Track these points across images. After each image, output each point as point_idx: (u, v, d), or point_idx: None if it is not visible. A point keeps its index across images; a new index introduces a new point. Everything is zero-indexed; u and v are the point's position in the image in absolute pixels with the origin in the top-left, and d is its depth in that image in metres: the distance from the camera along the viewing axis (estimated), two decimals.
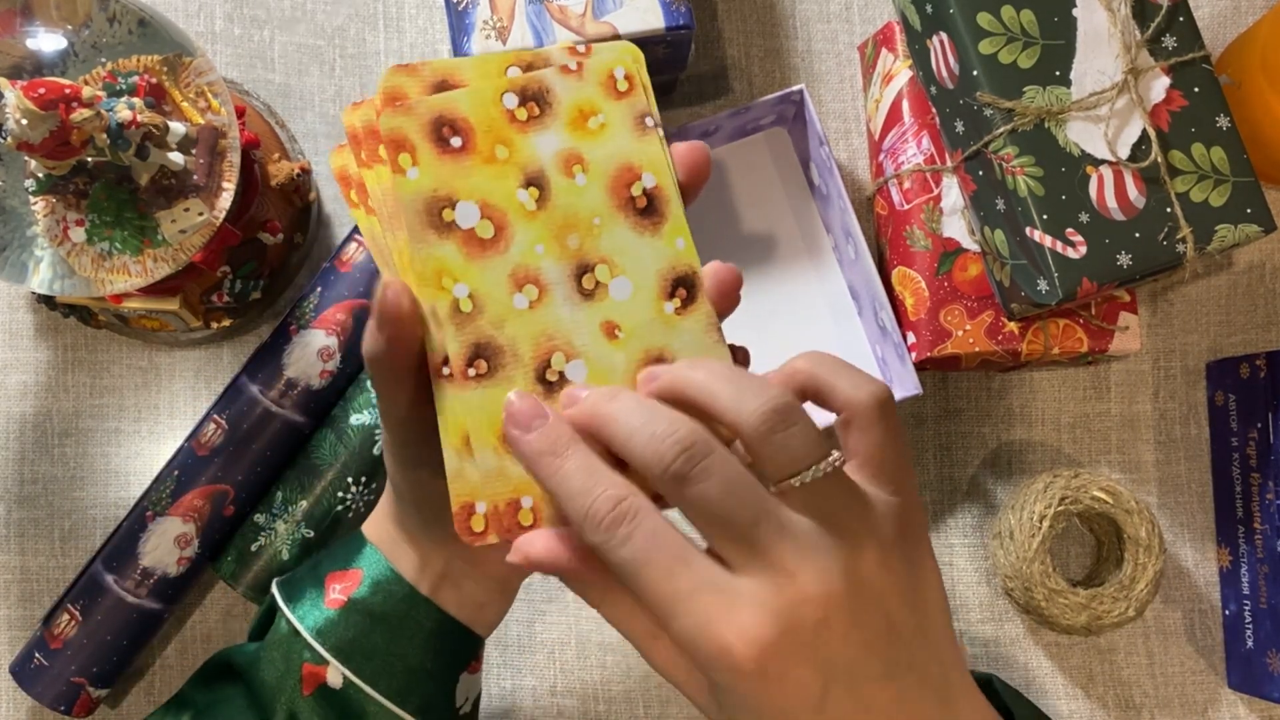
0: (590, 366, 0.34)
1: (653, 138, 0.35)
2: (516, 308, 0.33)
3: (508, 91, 0.34)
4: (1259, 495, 0.59)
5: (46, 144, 0.46)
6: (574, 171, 0.34)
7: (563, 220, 0.34)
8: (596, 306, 0.34)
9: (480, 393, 0.33)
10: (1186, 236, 0.51)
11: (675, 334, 0.34)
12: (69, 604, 0.56)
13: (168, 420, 0.61)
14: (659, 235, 0.34)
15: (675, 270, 0.34)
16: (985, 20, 0.52)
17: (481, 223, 0.33)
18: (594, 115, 0.34)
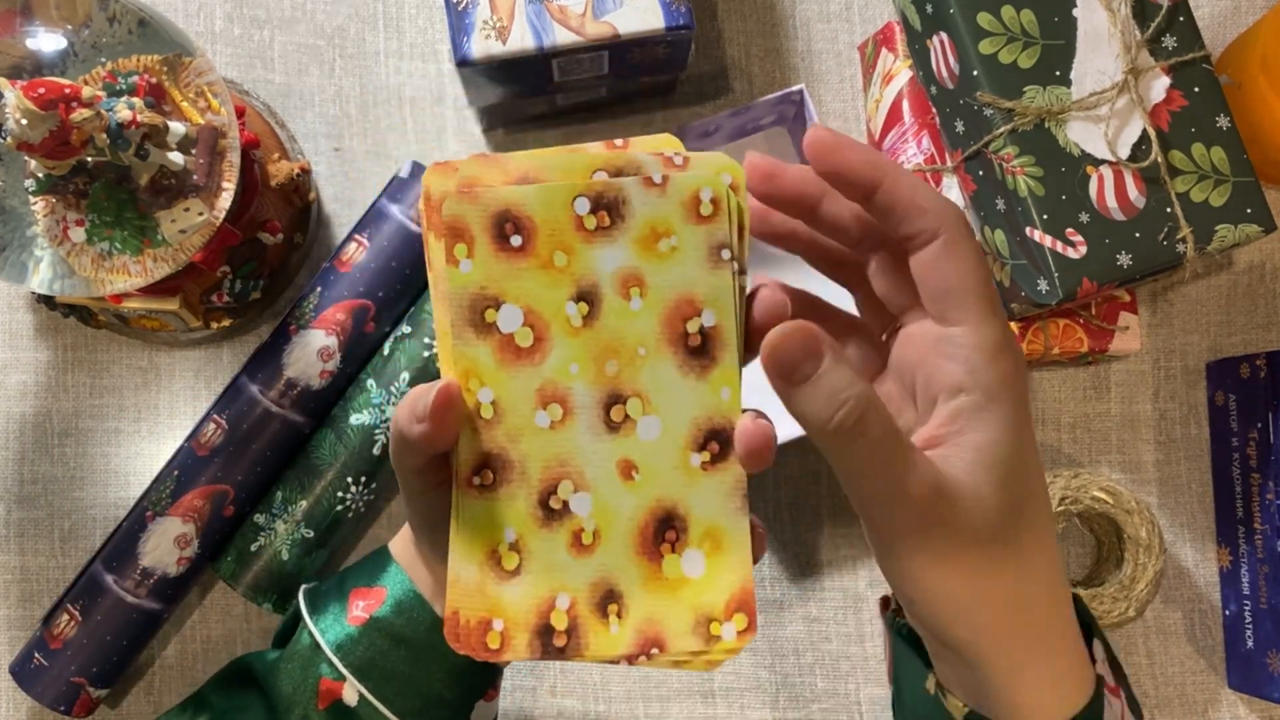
0: (597, 502, 0.32)
1: (725, 272, 0.32)
2: (537, 425, 0.32)
3: (581, 195, 0.32)
4: (1259, 495, 0.59)
5: (46, 144, 0.46)
6: (631, 293, 0.32)
7: (607, 343, 0.32)
8: (619, 442, 0.32)
9: (480, 504, 0.32)
10: (1186, 236, 0.51)
11: (695, 490, 0.32)
12: (69, 604, 0.56)
13: (168, 420, 0.61)
14: (705, 380, 0.32)
15: (713, 421, 0.32)
16: (985, 20, 0.52)
17: (522, 329, 0.32)
18: (667, 237, 0.32)
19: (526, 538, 0.32)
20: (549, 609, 0.32)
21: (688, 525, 0.32)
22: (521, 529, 0.32)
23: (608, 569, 0.32)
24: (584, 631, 0.32)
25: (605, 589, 0.32)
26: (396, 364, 0.57)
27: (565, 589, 0.32)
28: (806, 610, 0.61)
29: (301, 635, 0.43)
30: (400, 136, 0.63)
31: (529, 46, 0.53)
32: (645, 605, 0.32)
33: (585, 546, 0.32)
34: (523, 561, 0.32)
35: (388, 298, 0.57)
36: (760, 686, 0.61)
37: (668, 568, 0.32)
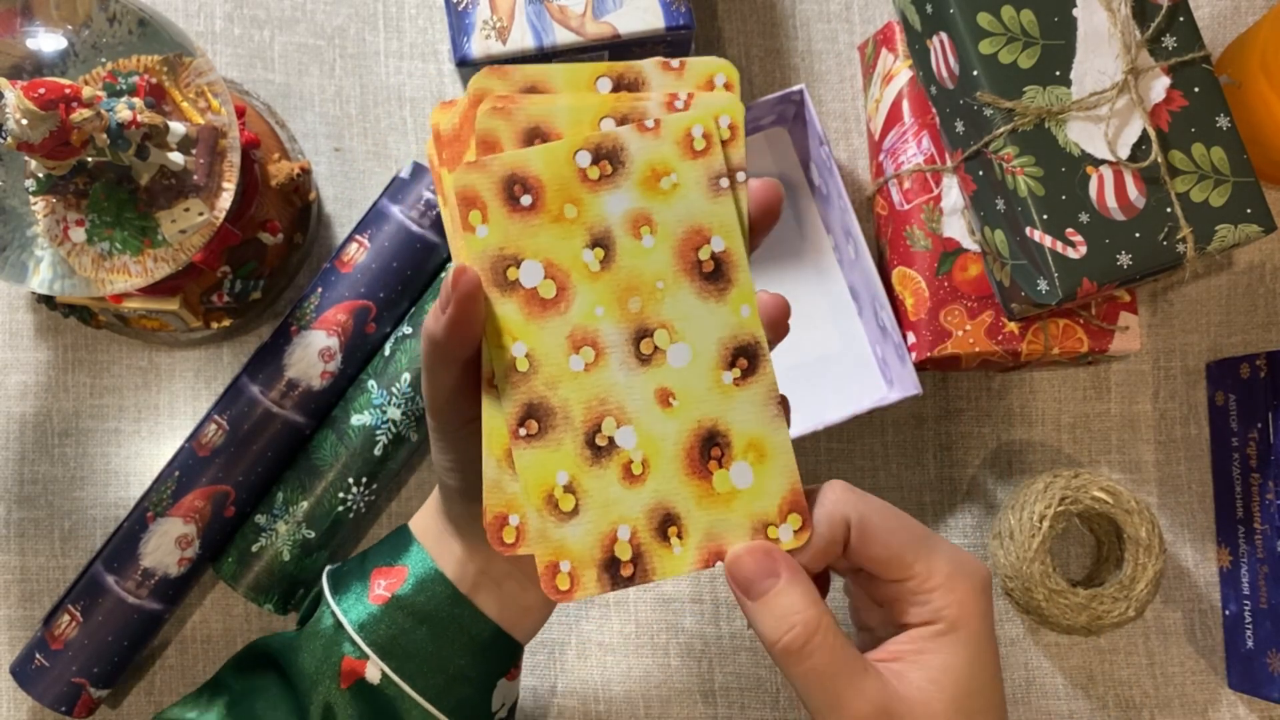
0: (640, 434, 0.33)
1: (727, 199, 0.34)
2: (572, 369, 0.33)
3: (581, 149, 0.33)
4: (1259, 495, 0.59)
5: (46, 144, 0.46)
6: (641, 232, 0.34)
7: (626, 282, 0.34)
8: (653, 372, 0.33)
9: (529, 453, 0.33)
10: (1186, 236, 0.51)
11: (732, 405, 0.34)
12: (69, 604, 0.56)
13: (168, 420, 0.61)
14: (723, 301, 0.34)
15: (737, 339, 0.34)
16: (985, 20, 0.52)
17: (544, 282, 0.33)
18: (666, 175, 0.34)
19: (579, 478, 0.33)
20: (612, 542, 0.33)
21: (730, 440, 0.34)
22: (573, 470, 0.33)
23: (661, 494, 0.34)
24: (649, 557, 0.33)
25: (662, 513, 0.34)
26: (397, 364, 0.57)
27: (624, 520, 0.33)
28: None
29: (324, 615, 0.43)
30: (400, 136, 0.63)
31: (529, 46, 0.53)
32: (703, 521, 0.34)
33: (636, 477, 0.34)
34: (579, 501, 0.33)
35: (389, 298, 0.58)
36: (760, 686, 0.61)
37: (718, 483, 0.34)
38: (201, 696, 0.48)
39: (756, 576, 0.33)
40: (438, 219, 0.58)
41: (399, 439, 0.57)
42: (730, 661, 0.61)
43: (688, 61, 0.34)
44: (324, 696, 0.42)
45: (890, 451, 0.63)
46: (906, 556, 0.34)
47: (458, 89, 0.63)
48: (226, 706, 0.46)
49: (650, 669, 0.61)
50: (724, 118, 0.34)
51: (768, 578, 0.33)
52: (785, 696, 0.61)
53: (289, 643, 0.44)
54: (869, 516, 0.34)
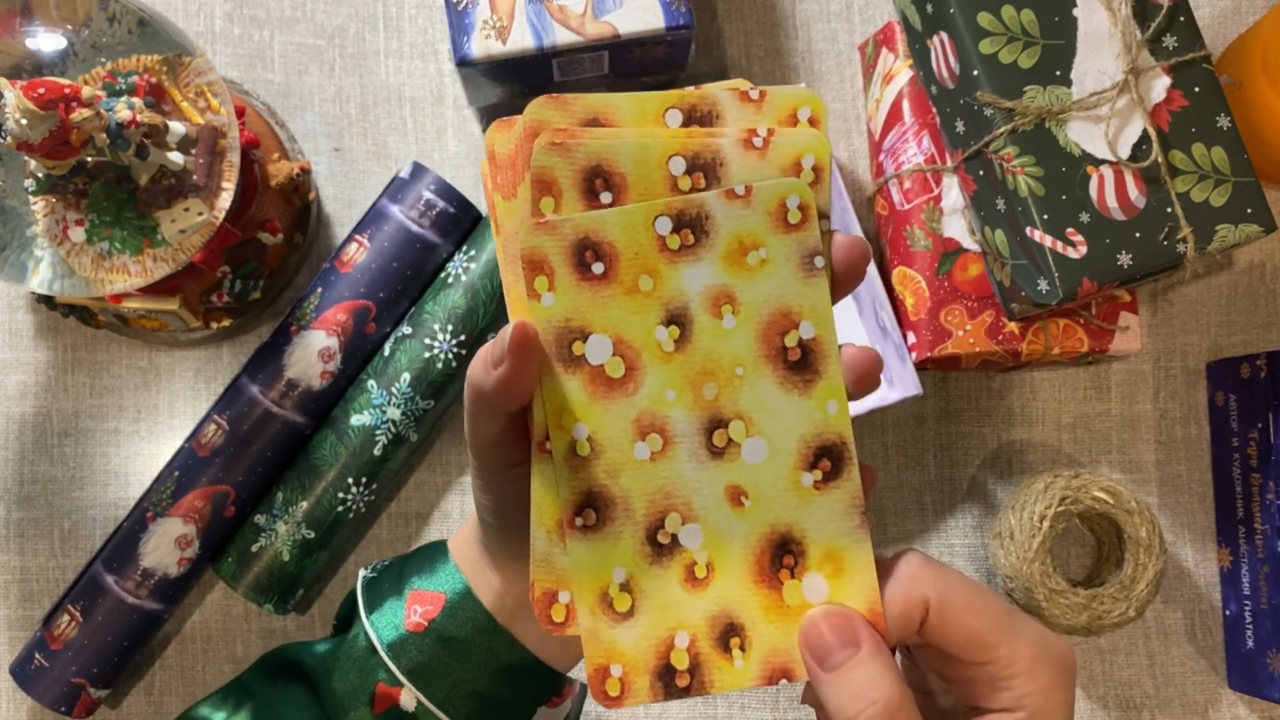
0: (707, 533, 0.31)
1: (820, 281, 0.30)
2: (636, 458, 0.31)
3: (662, 215, 0.30)
4: (1259, 495, 0.59)
5: (46, 144, 0.46)
6: (723, 312, 0.31)
7: (702, 366, 0.31)
8: (725, 468, 0.31)
9: (585, 545, 0.31)
10: (1187, 236, 0.51)
11: (810, 511, 0.31)
12: (69, 604, 0.56)
13: (167, 420, 0.61)
14: (809, 395, 0.31)
15: (822, 438, 0.31)
16: (985, 20, 0.52)
17: (612, 360, 0.31)
18: (755, 250, 0.31)
19: (637, 576, 0.31)
20: (668, 649, 0.31)
21: (805, 549, 0.31)
22: (631, 568, 0.31)
23: (726, 601, 0.31)
24: (707, 668, 0.31)
25: (725, 622, 0.31)
26: (397, 364, 0.57)
27: (683, 626, 0.31)
28: None
29: (358, 635, 0.43)
30: (400, 136, 0.63)
31: (529, 46, 0.53)
32: (769, 635, 0.31)
33: (700, 580, 0.31)
34: (635, 602, 0.31)
35: (388, 298, 0.57)
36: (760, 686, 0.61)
37: (789, 594, 0.31)
38: (228, 699, 0.47)
39: (835, 646, 0.30)
40: (438, 219, 0.58)
41: (398, 439, 0.57)
42: None
43: (768, 91, 0.31)
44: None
45: (890, 451, 0.63)
46: (989, 639, 0.31)
47: (458, 89, 0.63)
48: (254, 713, 0.46)
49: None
50: (808, 158, 0.31)
51: (846, 647, 0.30)
52: (785, 697, 0.61)
53: (321, 660, 0.43)
54: (949, 595, 0.31)
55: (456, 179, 0.62)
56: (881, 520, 0.62)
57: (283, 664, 0.46)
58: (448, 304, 0.57)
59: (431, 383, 0.57)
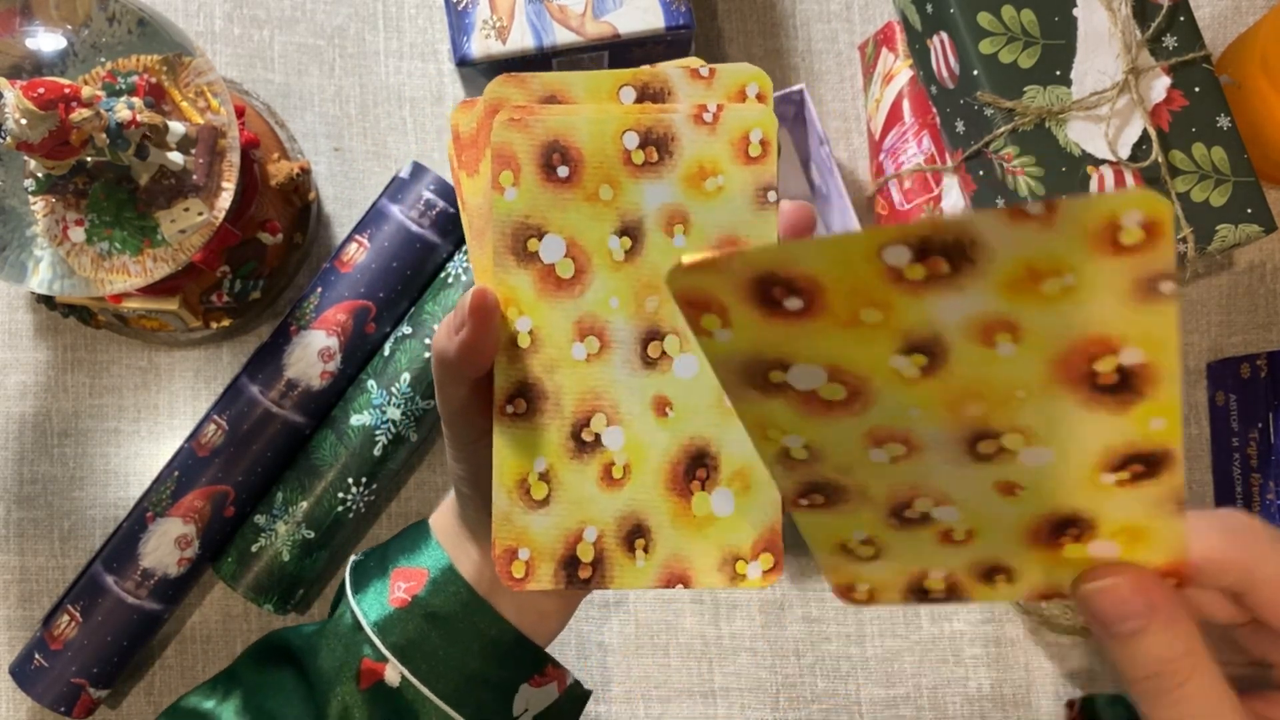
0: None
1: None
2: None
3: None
4: (1259, 495, 0.58)
5: (46, 144, 0.46)
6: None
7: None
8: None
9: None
10: (1187, 236, 0.51)
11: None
12: (69, 605, 0.56)
13: (167, 420, 0.61)
14: None
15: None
16: (986, 20, 0.52)
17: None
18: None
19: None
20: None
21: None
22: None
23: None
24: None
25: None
26: (397, 364, 0.57)
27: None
28: (806, 610, 0.61)
29: (344, 613, 0.43)
30: (400, 136, 0.63)
31: (529, 46, 0.53)
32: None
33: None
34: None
35: (388, 298, 0.57)
36: (760, 686, 0.61)
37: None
38: (217, 687, 0.47)
39: (1124, 616, 0.27)
40: (437, 218, 0.58)
41: (398, 439, 0.57)
42: (730, 661, 0.61)
43: (717, 69, 0.33)
44: (342, 697, 0.42)
45: None
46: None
47: (458, 89, 0.63)
48: (242, 699, 0.46)
49: (650, 669, 0.61)
50: (756, 131, 0.32)
51: (1136, 618, 0.27)
52: (785, 697, 0.61)
53: (308, 639, 0.44)
54: (1271, 576, 0.28)
55: None
56: None
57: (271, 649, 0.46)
58: (448, 304, 0.57)
59: (431, 383, 0.57)
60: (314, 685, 0.43)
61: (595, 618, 0.61)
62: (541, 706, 0.45)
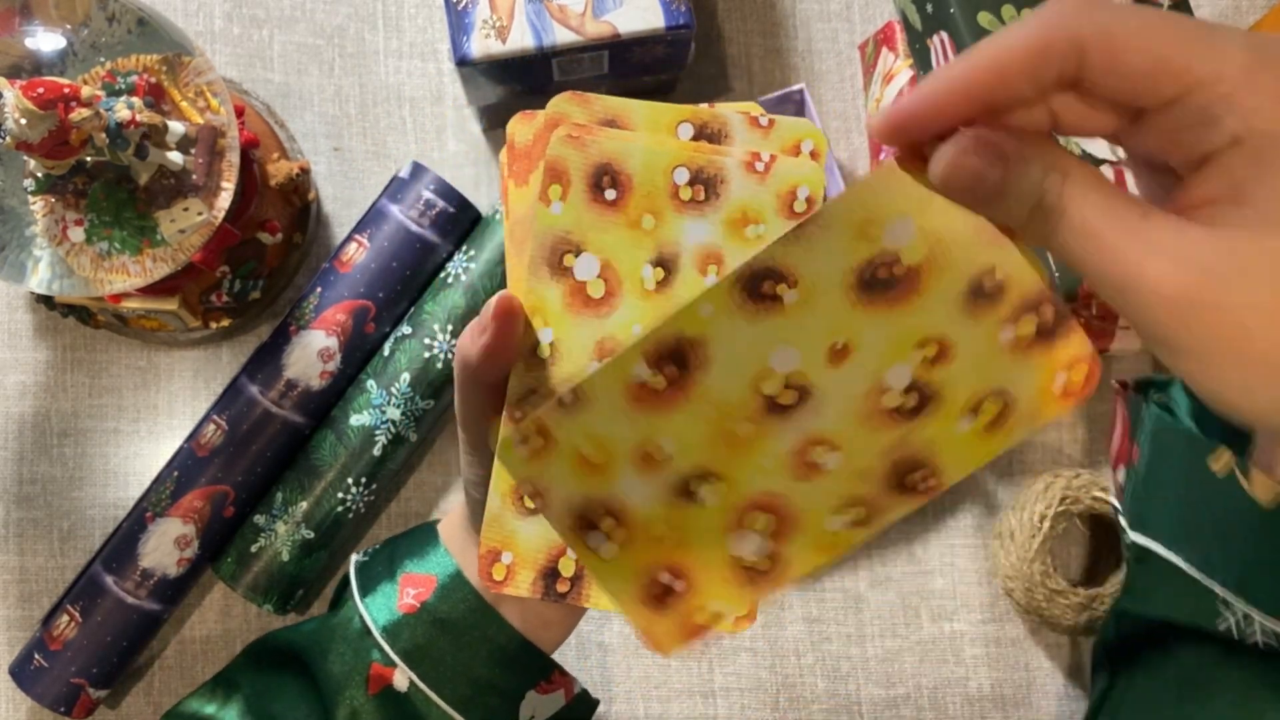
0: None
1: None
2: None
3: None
4: None
5: (45, 143, 0.46)
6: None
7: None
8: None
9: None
10: None
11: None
12: (69, 605, 0.56)
13: (167, 420, 0.61)
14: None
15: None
16: (985, 20, 0.52)
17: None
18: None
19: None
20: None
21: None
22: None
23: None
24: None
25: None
26: (397, 364, 0.57)
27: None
28: (806, 610, 0.61)
29: (352, 618, 0.43)
30: (400, 136, 0.63)
31: (529, 46, 0.53)
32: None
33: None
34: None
35: (388, 298, 0.57)
36: (760, 686, 0.61)
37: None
38: (217, 692, 0.47)
39: (983, 171, 0.25)
40: (437, 218, 0.58)
41: (398, 439, 0.57)
42: (730, 661, 0.61)
43: (777, 120, 0.33)
44: (350, 702, 0.42)
45: None
46: (1178, 59, 0.23)
47: (457, 88, 0.63)
48: (244, 703, 0.46)
49: (650, 669, 0.61)
50: (803, 189, 0.32)
51: (991, 167, 0.25)
52: (785, 697, 0.61)
53: (316, 642, 0.44)
54: (1116, 24, 0.24)
55: (456, 178, 0.62)
56: None
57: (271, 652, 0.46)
58: (447, 304, 0.57)
59: (431, 383, 0.57)
60: (321, 689, 0.43)
61: (596, 618, 0.61)
62: (548, 714, 0.45)
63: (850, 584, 0.62)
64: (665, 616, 0.30)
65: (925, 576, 0.62)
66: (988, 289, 0.27)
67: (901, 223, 0.26)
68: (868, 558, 0.62)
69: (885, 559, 0.62)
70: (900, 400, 0.28)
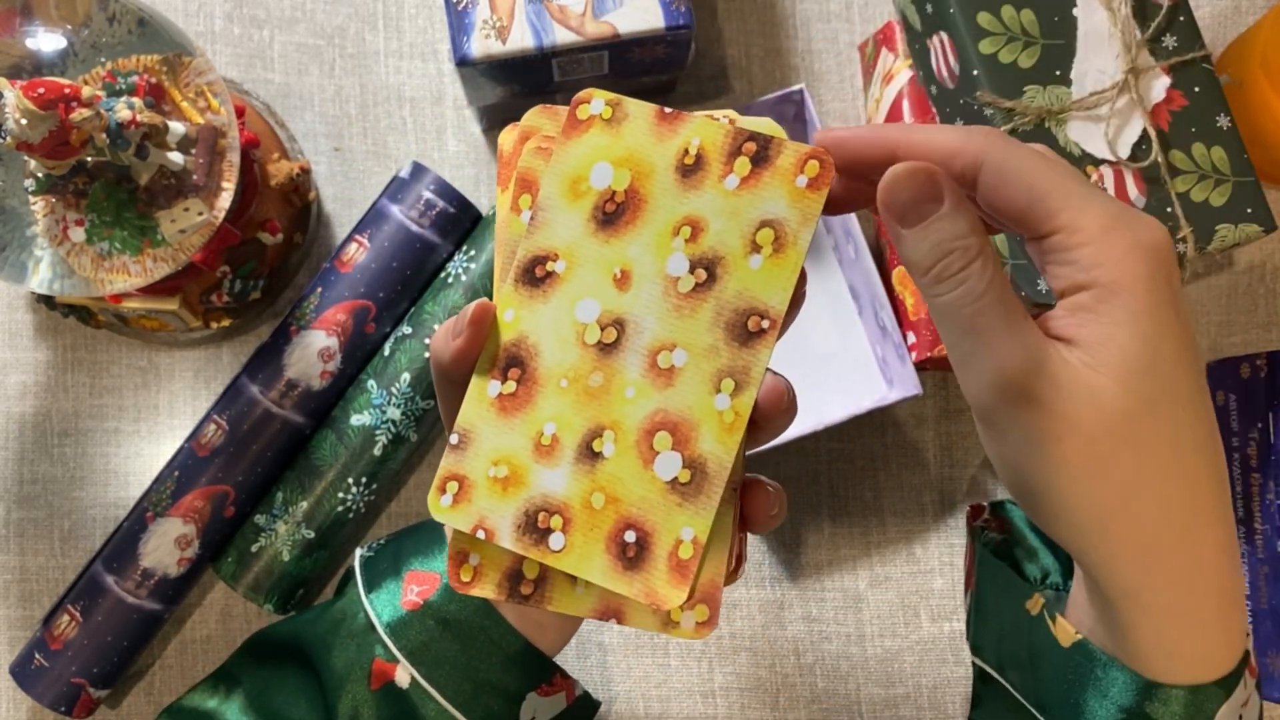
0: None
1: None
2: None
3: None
4: (1259, 496, 0.59)
5: (46, 144, 0.46)
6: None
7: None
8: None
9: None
10: (1187, 236, 0.51)
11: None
12: (69, 604, 0.56)
13: (167, 420, 0.61)
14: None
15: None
16: (985, 20, 0.52)
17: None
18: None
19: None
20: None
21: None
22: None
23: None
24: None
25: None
26: (397, 364, 0.57)
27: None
28: (806, 610, 0.61)
29: (357, 614, 0.43)
30: (400, 136, 0.63)
31: (529, 46, 0.53)
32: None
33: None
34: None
35: (388, 298, 0.57)
36: (760, 686, 0.61)
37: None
38: (218, 686, 0.47)
39: (917, 200, 0.29)
40: (437, 219, 0.58)
41: (398, 439, 0.57)
42: (730, 661, 0.61)
43: (736, 119, 0.34)
44: (353, 697, 0.42)
45: (890, 451, 0.63)
46: (1051, 201, 0.29)
47: (457, 89, 0.63)
48: (246, 697, 0.46)
49: (650, 669, 0.61)
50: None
51: (929, 203, 0.29)
52: (785, 697, 0.61)
53: (320, 636, 0.44)
54: (1011, 156, 0.29)
55: (456, 179, 0.62)
56: (882, 520, 0.62)
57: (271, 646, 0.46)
58: (448, 304, 0.57)
59: (431, 382, 0.57)
60: (324, 683, 0.43)
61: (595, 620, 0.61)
62: (549, 716, 0.45)
63: (850, 584, 0.62)
64: (649, 569, 0.31)
65: (925, 576, 0.62)
66: (691, 161, 0.32)
67: (597, 168, 0.32)
68: (867, 557, 0.62)
69: (885, 559, 0.62)
70: (693, 279, 0.31)
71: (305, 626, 0.46)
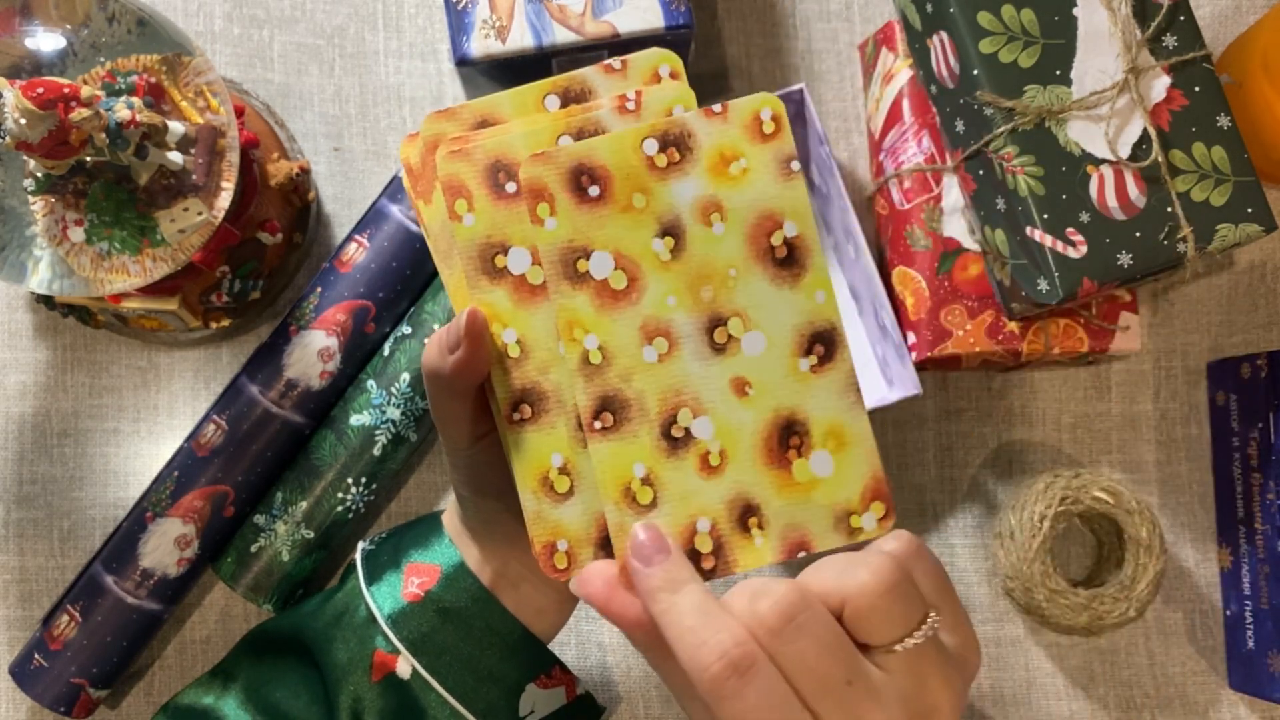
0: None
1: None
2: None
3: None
4: (1260, 495, 0.58)
5: (45, 143, 0.46)
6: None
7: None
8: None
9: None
10: (1187, 236, 0.51)
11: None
12: (69, 605, 0.56)
13: (167, 420, 0.61)
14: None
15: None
16: (985, 19, 0.52)
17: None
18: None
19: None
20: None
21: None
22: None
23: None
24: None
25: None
26: (397, 364, 0.57)
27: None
28: None
29: (358, 606, 0.44)
30: (400, 136, 0.63)
31: (528, 46, 0.53)
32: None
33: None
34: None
35: (388, 298, 0.57)
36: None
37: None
38: (215, 682, 0.47)
39: (725, 676, 0.29)
40: None
41: (398, 439, 0.57)
42: None
43: (629, 60, 0.35)
44: (354, 689, 0.42)
45: (890, 451, 0.63)
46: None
47: (457, 89, 0.63)
48: (244, 693, 0.46)
49: (650, 669, 0.61)
50: (678, 107, 0.34)
51: (734, 678, 0.29)
52: None
53: (322, 630, 0.44)
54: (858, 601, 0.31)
55: None
56: None
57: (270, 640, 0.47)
58: (448, 304, 0.57)
59: None
60: (325, 676, 0.43)
61: (595, 617, 0.61)
62: (548, 710, 0.45)
63: None
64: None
65: None
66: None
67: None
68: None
69: None
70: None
71: (305, 620, 0.46)
